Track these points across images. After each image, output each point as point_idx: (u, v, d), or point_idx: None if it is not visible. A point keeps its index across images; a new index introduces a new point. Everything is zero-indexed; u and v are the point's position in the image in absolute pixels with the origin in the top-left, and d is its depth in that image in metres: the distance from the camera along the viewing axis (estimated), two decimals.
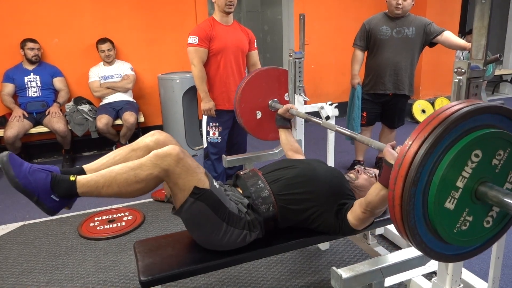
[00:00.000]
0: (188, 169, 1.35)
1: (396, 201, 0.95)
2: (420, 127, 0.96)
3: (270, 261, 2.15)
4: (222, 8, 2.57)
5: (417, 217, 0.97)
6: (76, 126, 3.69)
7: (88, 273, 2.12)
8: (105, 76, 3.87)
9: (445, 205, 0.96)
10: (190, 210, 1.38)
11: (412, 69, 3.09)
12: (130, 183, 1.31)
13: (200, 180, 1.37)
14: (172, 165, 1.32)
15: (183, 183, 1.35)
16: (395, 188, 0.95)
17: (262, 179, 1.59)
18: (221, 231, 1.41)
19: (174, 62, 4.29)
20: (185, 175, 1.34)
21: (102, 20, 3.99)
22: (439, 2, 5.08)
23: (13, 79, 3.65)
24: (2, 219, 2.79)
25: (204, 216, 1.39)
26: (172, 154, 1.32)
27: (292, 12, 4.95)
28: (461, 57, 4.63)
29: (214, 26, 2.59)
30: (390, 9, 3.00)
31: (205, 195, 1.36)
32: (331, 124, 1.84)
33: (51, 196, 1.29)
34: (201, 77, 2.61)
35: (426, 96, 5.36)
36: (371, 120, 3.26)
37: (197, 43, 2.54)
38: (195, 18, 4.29)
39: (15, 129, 3.43)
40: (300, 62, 2.21)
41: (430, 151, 0.92)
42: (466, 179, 0.96)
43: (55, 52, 3.91)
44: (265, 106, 2.34)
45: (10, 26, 3.70)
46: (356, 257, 2.19)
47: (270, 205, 1.52)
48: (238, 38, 2.68)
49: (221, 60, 2.62)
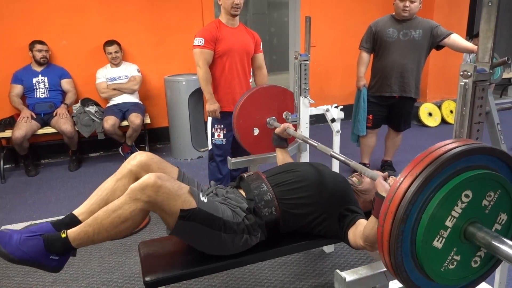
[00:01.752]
0: (169, 194, 1.31)
1: (385, 237, 0.96)
2: (413, 163, 0.96)
3: (274, 263, 2.15)
4: (228, 10, 2.57)
5: (405, 254, 0.97)
6: (83, 127, 3.72)
7: (93, 273, 2.13)
8: (112, 78, 3.90)
9: (433, 243, 0.96)
10: (183, 231, 1.37)
11: (418, 71, 3.08)
12: (117, 225, 1.31)
13: (185, 201, 1.34)
14: (153, 196, 1.29)
15: (168, 209, 1.32)
16: (385, 224, 0.96)
17: (265, 182, 1.58)
18: (220, 240, 1.41)
19: (181, 64, 4.31)
20: (167, 201, 1.31)
21: (109, 22, 4.02)
22: (447, 5, 5.06)
23: (21, 80, 3.70)
24: (9, 218, 2.82)
25: (198, 232, 1.38)
26: (149, 185, 1.29)
27: (299, 15, 4.96)
28: (468, 60, 4.59)
29: (220, 28, 2.60)
30: (397, 11, 2.99)
31: (194, 215, 1.34)
32: (325, 148, 1.76)
33: (50, 257, 1.30)
34: (206, 78, 2.62)
35: (433, 99, 5.32)
36: (377, 123, 3.25)
37: (203, 45, 2.55)
38: (202, 20, 4.31)
39: (23, 129, 3.47)
40: (306, 65, 2.20)
41: (420, 188, 0.93)
42: (455, 219, 0.96)
43: (63, 54, 3.95)
44: (263, 123, 2.32)
45: (19, 28, 3.75)
46: (361, 260, 2.18)
47: (272, 209, 1.51)
48: (244, 41, 2.69)
49: (227, 62, 2.62)
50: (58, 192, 3.29)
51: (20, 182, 3.55)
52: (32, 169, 3.71)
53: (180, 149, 4.05)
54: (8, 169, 3.79)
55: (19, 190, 3.37)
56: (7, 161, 3.82)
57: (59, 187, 3.39)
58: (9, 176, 3.69)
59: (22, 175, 3.70)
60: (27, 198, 3.18)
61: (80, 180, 3.55)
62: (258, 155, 2.31)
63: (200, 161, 3.98)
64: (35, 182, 3.54)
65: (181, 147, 4.03)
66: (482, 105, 1.15)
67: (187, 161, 4.00)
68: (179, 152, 4.07)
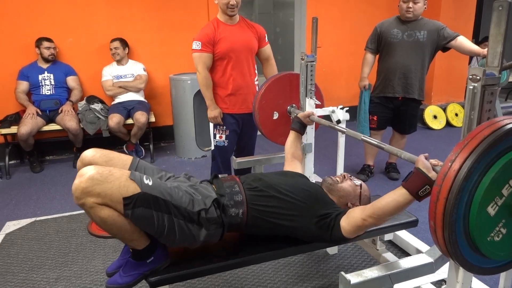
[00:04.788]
0: (104, 191, 1.20)
1: (443, 193, 0.99)
2: (480, 128, 1.01)
3: (277, 264, 2.15)
4: (224, 11, 2.49)
5: (459, 216, 1.01)
6: (88, 124, 3.73)
7: (97, 271, 2.14)
8: (118, 76, 3.91)
9: (488, 208, 1.00)
10: (136, 219, 1.27)
11: (422, 73, 3.07)
12: (110, 230, 1.30)
13: (127, 188, 1.23)
14: (90, 200, 1.20)
15: (109, 197, 1.21)
16: (445, 181, 0.99)
17: (239, 184, 1.54)
18: (173, 225, 1.32)
19: (186, 63, 4.30)
20: (104, 198, 1.21)
21: (116, 20, 4.03)
22: (453, 7, 5.04)
23: (27, 77, 3.71)
24: (14, 215, 2.83)
25: (150, 218, 1.28)
26: (78, 189, 1.19)
27: (305, 15, 4.95)
28: (477, 64, 4.57)
29: (218, 28, 2.51)
30: (401, 13, 3.01)
31: (139, 200, 1.24)
32: (355, 133, 1.76)
33: (147, 261, 1.38)
34: (206, 84, 2.55)
35: (438, 102, 5.30)
36: (381, 124, 3.24)
37: (200, 48, 2.48)
38: (208, 19, 4.31)
39: (28, 126, 3.48)
40: (312, 66, 2.20)
41: (487, 150, 0.98)
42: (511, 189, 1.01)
43: (69, 51, 3.97)
44: (283, 109, 2.33)
45: (25, 25, 3.76)
46: (364, 262, 2.17)
47: (240, 211, 1.47)
48: (245, 38, 2.57)
49: (228, 62, 2.53)
50: (63, 188, 3.30)
51: (25, 178, 3.57)
52: (37, 166, 3.73)
53: (185, 148, 4.05)
54: (13, 165, 3.81)
55: (24, 186, 3.39)
56: (12, 157, 3.84)
57: (64, 184, 3.40)
58: (14, 172, 3.70)
59: (27, 171, 3.71)
60: (32, 194, 3.20)
61: None
62: (264, 155, 2.32)
63: (204, 160, 3.99)
64: (39, 179, 3.55)
65: (185, 146, 4.04)
66: (491, 109, 1.15)
67: (191, 160, 4.01)
68: (184, 151, 4.07)
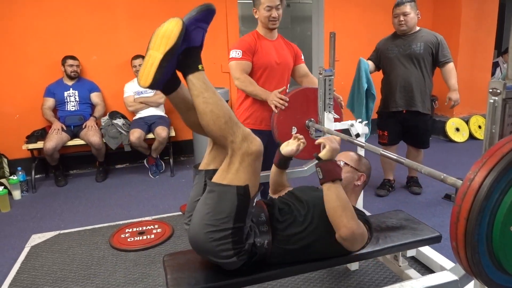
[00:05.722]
0: (255, 170, 1.32)
1: (463, 214, 0.96)
2: (497, 146, 0.99)
3: (297, 279, 2.13)
4: (265, 24, 2.44)
5: (481, 237, 0.98)
6: (110, 139, 3.82)
7: (118, 284, 2.17)
8: (138, 92, 4.01)
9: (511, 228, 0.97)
10: (221, 194, 1.30)
11: (424, 85, 3.05)
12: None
13: (254, 185, 1.33)
14: (249, 152, 1.31)
15: (242, 171, 1.30)
16: (464, 201, 0.97)
17: (265, 213, 1.49)
18: (220, 232, 1.30)
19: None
20: (246, 169, 1.30)
21: (137, 38, 4.14)
22: (474, 19, 4.97)
23: (54, 93, 3.85)
24: (39, 228, 2.91)
25: (225, 206, 1.29)
26: (254, 153, 1.32)
27: (322, 29, 4.98)
28: (500, 76, 4.48)
29: (258, 40, 2.46)
30: (396, 27, 3.08)
31: (245, 199, 1.30)
32: (374, 148, 1.79)
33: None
34: (249, 81, 2.39)
35: (460, 114, 5.20)
36: (393, 139, 3.20)
37: (241, 56, 2.38)
38: (226, 35, 4.40)
39: (54, 141, 3.60)
40: (330, 80, 2.21)
41: (505, 170, 0.95)
42: None
43: (93, 69, 4.10)
44: (302, 124, 2.34)
45: (52, 44, 3.92)
46: (386, 279, 2.13)
47: (265, 241, 1.42)
48: (282, 54, 2.53)
49: (262, 77, 2.47)
50: (86, 202, 3.37)
51: (50, 192, 3.67)
52: (62, 180, 3.83)
53: None
54: (38, 179, 3.92)
55: (49, 199, 3.48)
56: (38, 171, 3.96)
57: (87, 197, 3.48)
58: (40, 185, 3.82)
59: (52, 185, 3.82)
60: (56, 208, 3.28)
61: (106, 191, 3.63)
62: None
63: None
64: (63, 192, 3.65)
65: None
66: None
67: None
68: None
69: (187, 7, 1.28)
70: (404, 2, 2.94)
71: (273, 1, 2.38)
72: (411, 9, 2.95)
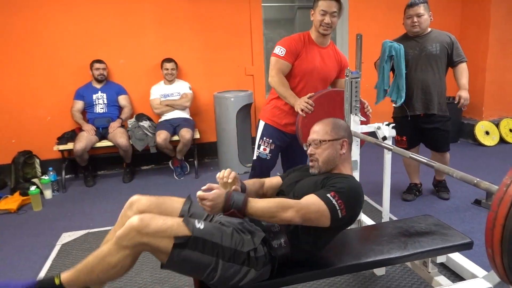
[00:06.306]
0: (157, 232, 1.29)
1: (499, 220, 0.95)
2: None
3: (322, 284, 2.11)
4: (317, 28, 2.38)
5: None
6: (137, 141, 3.90)
7: (145, 283, 2.21)
8: (165, 94, 4.08)
9: None
10: (179, 262, 1.32)
11: (440, 86, 2.97)
12: (107, 271, 1.33)
13: (177, 231, 1.31)
14: (137, 239, 1.28)
15: (157, 246, 1.30)
16: (500, 207, 0.95)
17: None
18: (217, 268, 1.35)
19: (230, 81, 4.44)
20: (154, 240, 1.29)
21: (163, 42, 4.23)
22: (503, 19, 4.81)
23: (83, 96, 3.97)
24: (69, 226, 3.00)
25: (194, 261, 1.33)
26: (132, 228, 1.28)
27: (347, 31, 4.94)
28: None
29: (306, 43, 2.41)
30: (408, 29, 2.99)
31: (189, 242, 1.31)
32: (402, 151, 1.77)
33: None
34: (283, 83, 2.38)
35: (490, 117, 5.04)
36: (411, 144, 3.11)
37: (283, 55, 2.37)
38: (250, 39, 4.42)
39: (83, 142, 3.70)
40: (357, 82, 2.20)
41: None
42: None
43: (121, 72, 4.20)
44: None
45: (82, 49, 4.05)
46: (414, 285, 2.08)
47: (281, 241, 1.46)
48: (327, 65, 2.47)
49: (300, 82, 2.44)
50: (113, 202, 3.45)
51: (79, 192, 3.77)
52: (90, 180, 3.94)
53: (227, 164, 4.12)
54: (68, 179, 4.05)
55: (78, 199, 3.59)
56: (68, 172, 4.08)
57: (114, 198, 3.56)
58: (69, 186, 3.93)
59: (81, 185, 3.93)
60: (85, 208, 3.37)
61: (133, 192, 3.62)
62: None
63: (246, 176, 3.99)
64: (92, 192, 3.74)
65: (228, 162, 4.10)
66: None
67: None
68: (226, 166, 4.07)
69: (213, 12, 1.29)
70: (417, 3, 2.87)
71: (329, 7, 2.32)
72: (425, 10, 2.88)
